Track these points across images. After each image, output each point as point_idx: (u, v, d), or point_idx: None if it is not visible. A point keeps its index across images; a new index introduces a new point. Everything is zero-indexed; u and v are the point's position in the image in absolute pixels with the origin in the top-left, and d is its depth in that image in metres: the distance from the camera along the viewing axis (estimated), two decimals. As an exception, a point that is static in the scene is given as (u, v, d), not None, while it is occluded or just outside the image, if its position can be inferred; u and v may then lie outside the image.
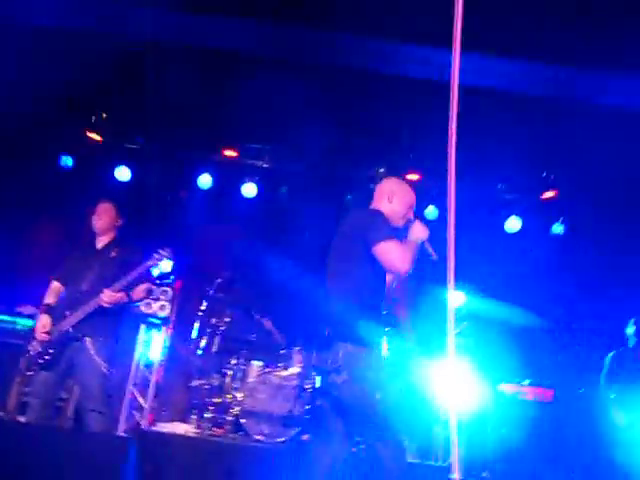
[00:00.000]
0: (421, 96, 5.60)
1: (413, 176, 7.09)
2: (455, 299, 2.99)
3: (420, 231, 3.30)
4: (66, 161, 7.25)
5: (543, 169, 6.99)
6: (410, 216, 3.44)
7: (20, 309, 6.05)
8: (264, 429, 5.30)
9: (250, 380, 5.56)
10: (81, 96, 6.11)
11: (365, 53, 5.36)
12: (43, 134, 6.71)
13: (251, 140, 7.25)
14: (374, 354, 3.15)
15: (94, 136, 7.12)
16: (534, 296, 6.81)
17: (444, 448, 5.89)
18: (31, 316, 5.95)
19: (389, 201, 3.43)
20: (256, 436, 5.27)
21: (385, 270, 3.23)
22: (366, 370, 3.09)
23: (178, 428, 5.42)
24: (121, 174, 7.28)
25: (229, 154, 7.28)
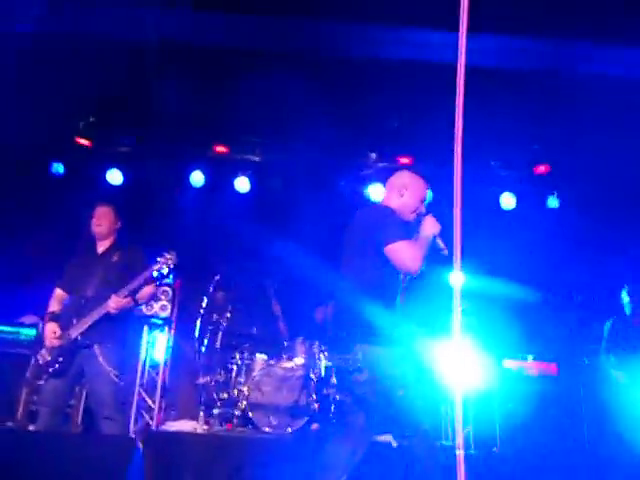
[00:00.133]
0: (408, 79, 5.59)
1: (405, 159, 7.10)
2: (457, 279, 3.00)
3: (432, 226, 3.28)
4: (57, 168, 7.23)
5: (534, 144, 6.99)
6: (422, 210, 3.42)
7: (22, 319, 6.04)
8: (272, 421, 5.32)
9: (255, 373, 5.57)
10: (67, 101, 6.06)
11: (350, 38, 5.35)
12: (32, 142, 6.66)
13: (242, 134, 7.23)
14: (394, 351, 3.17)
15: (83, 141, 7.09)
16: (533, 271, 6.83)
17: (452, 427, 5.93)
18: (34, 325, 5.95)
19: (400, 195, 3.43)
20: (264, 428, 5.28)
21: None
22: (387, 368, 3.12)
23: (186, 426, 5.44)
24: (113, 177, 7.27)
25: (220, 150, 7.26)
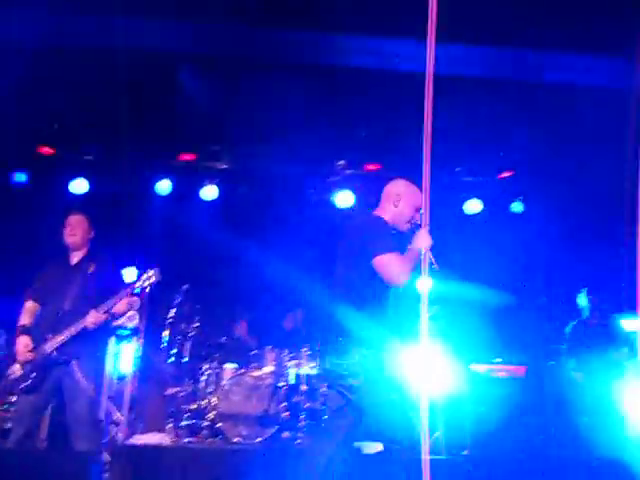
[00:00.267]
0: (376, 87, 5.63)
1: (372, 167, 7.14)
2: (425, 284, 3.03)
3: (424, 240, 3.25)
4: (19, 177, 7.09)
5: (499, 150, 7.09)
6: (417, 218, 3.42)
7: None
8: (241, 431, 5.27)
9: (224, 383, 5.52)
10: (30, 109, 5.96)
11: (319, 47, 5.38)
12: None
13: (208, 142, 7.19)
14: (387, 356, 3.19)
15: (47, 149, 6.97)
16: (499, 275, 6.93)
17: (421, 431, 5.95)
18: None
19: (395, 205, 3.44)
20: (234, 439, 5.24)
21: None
22: (381, 373, 3.16)
23: (154, 439, 5.35)
24: (77, 186, 7.15)
25: (186, 158, 7.21)
